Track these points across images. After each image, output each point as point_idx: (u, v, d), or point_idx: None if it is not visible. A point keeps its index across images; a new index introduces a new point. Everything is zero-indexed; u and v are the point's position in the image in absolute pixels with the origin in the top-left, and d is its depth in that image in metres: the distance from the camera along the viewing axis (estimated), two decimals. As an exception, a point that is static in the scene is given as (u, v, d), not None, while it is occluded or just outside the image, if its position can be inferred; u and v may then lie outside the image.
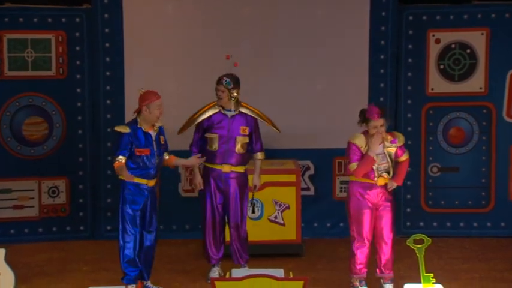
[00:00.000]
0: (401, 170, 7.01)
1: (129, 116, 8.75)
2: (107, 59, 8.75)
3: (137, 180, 6.84)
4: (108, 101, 8.81)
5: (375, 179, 6.88)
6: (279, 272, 6.01)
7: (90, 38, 8.70)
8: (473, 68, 8.80)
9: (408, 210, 8.98)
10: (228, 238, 7.37)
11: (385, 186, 6.94)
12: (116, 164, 6.76)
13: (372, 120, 6.84)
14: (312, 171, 8.99)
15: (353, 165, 6.91)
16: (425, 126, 8.90)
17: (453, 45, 8.80)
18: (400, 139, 7.00)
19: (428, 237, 6.13)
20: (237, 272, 6.07)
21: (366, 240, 6.99)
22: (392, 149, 6.94)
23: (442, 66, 8.83)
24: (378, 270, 7.06)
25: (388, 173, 6.92)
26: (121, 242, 6.89)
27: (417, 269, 6.16)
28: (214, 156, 7.12)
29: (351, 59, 8.80)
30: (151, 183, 6.94)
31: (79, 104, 8.80)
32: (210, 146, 7.14)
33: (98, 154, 8.83)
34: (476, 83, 8.80)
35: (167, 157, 7.11)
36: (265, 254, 7.92)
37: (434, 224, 8.95)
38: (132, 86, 8.71)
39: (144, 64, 8.72)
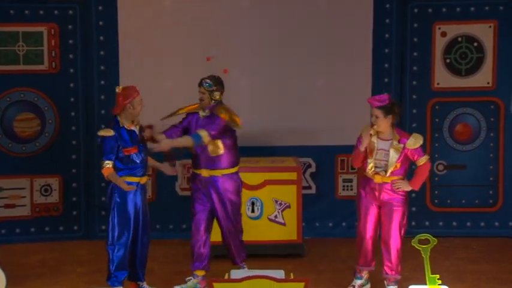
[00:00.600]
0: (417, 173, 6.91)
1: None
2: (101, 52, 8.73)
3: (129, 179, 6.84)
4: (102, 96, 8.79)
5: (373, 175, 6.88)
6: (280, 273, 6.00)
7: (84, 31, 8.68)
8: (480, 62, 8.78)
9: (413, 209, 8.95)
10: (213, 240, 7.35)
11: (385, 184, 6.88)
12: (104, 171, 6.76)
13: (371, 106, 6.84)
14: (313, 169, 8.97)
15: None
16: (431, 123, 8.89)
17: (460, 39, 8.78)
18: (415, 141, 6.86)
19: (434, 237, 6.11)
20: (236, 273, 6.05)
21: (364, 235, 7.00)
22: (398, 149, 6.85)
23: (448, 60, 8.81)
24: (383, 270, 7.04)
25: (385, 171, 6.86)
26: (111, 241, 6.86)
27: (422, 270, 6.15)
28: (197, 160, 7.07)
29: (354, 52, 8.78)
30: (143, 180, 6.97)
31: (72, 99, 8.78)
32: (191, 149, 7.08)
33: (92, 151, 8.81)
34: (483, 77, 8.79)
35: None
36: (265, 254, 7.91)
37: (440, 223, 8.94)
38: (127, 81, 8.66)
39: (140, 58, 8.71)
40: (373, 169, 6.92)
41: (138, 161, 6.86)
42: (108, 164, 6.78)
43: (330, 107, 8.86)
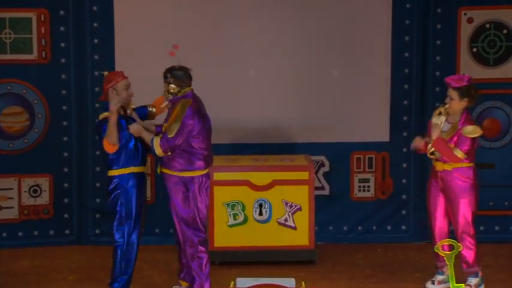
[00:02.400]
0: (448, 148, 7.04)
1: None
2: (95, 40, 8.73)
3: (136, 170, 6.89)
4: (96, 89, 8.78)
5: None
6: (290, 282, 6.00)
7: (77, 17, 8.68)
8: (510, 51, 8.76)
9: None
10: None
11: (447, 172, 7.06)
12: (105, 146, 6.75)
13: (448, 86, 7.04)
14: (326, 168, 8.96)
15: None
16: (456, 117, 8.85)
17: (488, 25, 8.76)
18: (471, 130, 7.03)
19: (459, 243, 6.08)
20: (242, 282, 6.04)
21: (434, 228, 7.28)
22: (455, 127, 7.01)
23: (475, 49, 8.78)
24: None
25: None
26: (123, 242, 6.98)
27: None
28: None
29: (372, 41, 8.77)
30: (144, 169, 7.03)
31: (64, 92, 8.78)
32: None
33: (85, 148, 8.81)
34: (513, 68, 8.77)
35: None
36: (274, 261, 7.91)
37: (466, 227, 8.90)
38: (124, 70, 8.67)
39: (137, 46, 8.71)
40: (431, 151, 7.09)
41: (139, 147, 6.92)
42: (106, 139, 6.77)
43: (345, 101, 8.84)
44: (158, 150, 6.85)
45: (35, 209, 8.80)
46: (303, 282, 6.18)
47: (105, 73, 7.00)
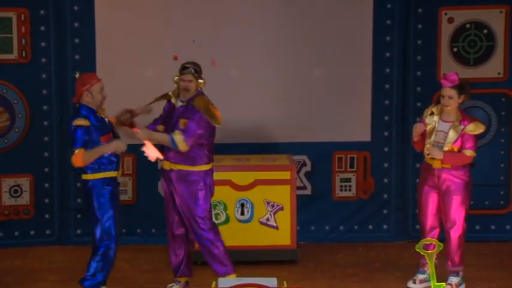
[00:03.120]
0: (457, 155, 7.18)
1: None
2: (76, 40, 8.71)
3: (109, 174, 6.89)
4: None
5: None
6: (272, 282, 5.99)
7: (57, 17, 8.65)
8: (490, 51, 8.78)
9: (417, 211, 8.94)
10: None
11: (445, 170, 7.16)
12: (76, 157, 6.74)
13: (442, 86, 7.15)
14: (308, 168, 8.97)
15: None
16: (437, 117, 8.88)
17: (468, 25, 8.79)
18: (475, 127, 7.16)
19: (440, 241, 6.10)
20: (224, 282, 6.04)
21: (425, 227, 7.34)
22: (458, 130, 7.13)
23: (455, 49, 8.81)
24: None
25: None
26: (101, 244, 6.98)
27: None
28: (162, 152, 7.06)
29: (353, 41, 8.78)
30: (119, 174, 7.05)
31: (45, 92, 8.74)
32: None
33: (66, 148, 8.76)
34: (494, 67, 8.80)
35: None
36: (256, 261, 7.91)
37: (447, 227, 8.94)
38: (105, 71, 8.64)
39: (119, 47, 8.68)
40: (428, 152, 7.19)
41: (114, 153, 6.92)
42: (80, 151, 6.77)
43: (326, 100, 8.85)
44: (183, 146, 6.91)
45: (15, 209, 8.77)
46: (284, 282, 6.18)
47: (77, 75, 6.98)
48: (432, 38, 8.78)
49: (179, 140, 6.91)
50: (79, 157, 6.74)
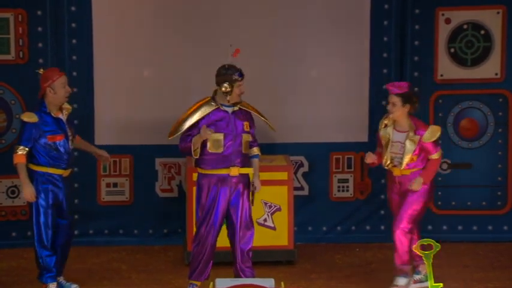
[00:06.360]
0: (429, 168, 7.18)
1: (99, 106, 8.74)
2: (74, 41, 8.70)
3: (51, 170, 7.02)
4: (75, 89, 8.70)
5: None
6: (269, 282, 6.01)
7: (54, 17, 8.64)
8: (487, 52, 8.79)
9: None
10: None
11: (405, 176, 7.13)
12: (15, 158, 6.98)
13: (389, 93, 7.13)
14: (305, 168, 8.97)
15: None
16: (434, 117, 8.90)
17: (465, 26, 8.80)
18: (431, 134, 7.13)
19: (437, 242, 6.11)
20: (221, 282, 6.05)
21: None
22: (414, 140, 7.08)
23: (452, 50, 8.82)
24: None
25: (401, 164, 7.13)
26: (37, 235, 7.10)
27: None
28: (220, 159, 7.05)
29: (350, 41, 8.79)
30: (66, 173, 7.13)
31: (42, 93, 8.74)
32: (214, 148, 7.05)
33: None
34: (491, 68, 8.80)
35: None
36: (253, 261, 7.90)
37: (444, 227, 8.95)
38: (102, 72, 8.68)
39: (116, 47, 8.68)
40: (388, 162, 7.18)
41: (62, 151, 7.01)
42: (22, 151, 6.96)
43: (323, 101, 8.85)
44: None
45: (12, 210, 8.76)
46: (282, 283, 6.19)
47: (41, 71, 7.02)
48: (429, 38, 8.79)
49: (258, 152, 7.25)
50: (15, 158, 6.96)
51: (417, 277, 7.39)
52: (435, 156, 7.17)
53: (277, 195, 8.14)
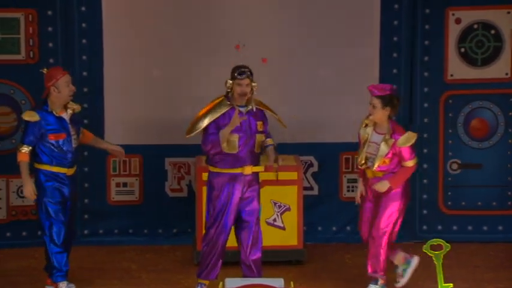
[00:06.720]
0: (399, 172, 7.15)
1: (108, 106, 8.75)
2: (84, 41, 8.72)
3: (55, 169, 7.06)
4: (85, 89, 8.77)
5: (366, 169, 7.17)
6: (279, 282, 6.01)
7: (65, 17, 8.66)
8: (498, 51, 8.78)
9: (424, 212, 8.97)
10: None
11: (378, 179, 7.11)
12: (18, 156, 7.04)
13: (371, 95, 7.11)
14: (315, 168, 8.97)
15: None
16: (444, 118, 8.89)
17: (475, 26, 8.78)
18: (406, 140, 7.10)
19: (448, 242, 6.11)
20: (231, 282, 6.06)
21: (362, 235, 7.29)
22: (389, 143, 7.06)
23: (462, 50, 8.81)
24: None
25: (373, 165, 7.12)
26: (48, 234, 7.16)
27: (435, 278, 6.14)
28: (233, 159, 7.05)
29: (360, 41, 8.78)
30: (71, 171, 7.14)
31: (52, 92, 8.76)
32: (229, 148, 7.00)
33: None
34: (501, 68, 8.79)
35: (81, 135, 7.37)
36: (263, 261, 7.90)
37: (454, 227, 8.94)
38: (112, 72, 8.69)
39: (126, 47, 8.70)
40: (363, 161, 7.18)
41: (65, 149, 7.04)
42: (25, 149, 7.01)
43: (333, 101, 8.85)
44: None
45: (23, 209, 8.78)
46: (291, 283, 6.20)
47: (44, 70, 7.05)
48: (439, 38, 8.78)
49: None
50: (18, 157, 7.02)
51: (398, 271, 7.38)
52: (409, 163, 7.13)
53: (287, 195, 8.15)
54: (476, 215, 8.92)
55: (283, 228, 8.18)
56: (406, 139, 7.12)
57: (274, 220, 8.17)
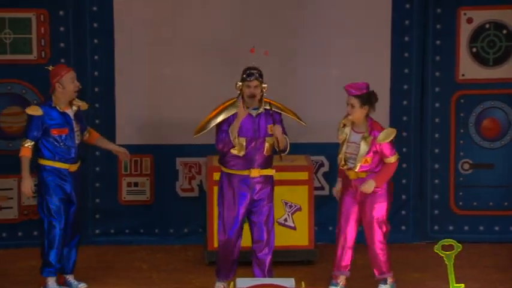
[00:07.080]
0: (382, 171, 7.14)
1: (120, 106, 8.77)
2: (95, 41, 8.73)
3: (58, 165, 7.11)
4: (96, 89, 8.79)
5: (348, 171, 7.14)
6: (290, 282, 6.01)
7: (76, 17, 8.68)
8: (510, 51, 8.76)
9: (436, 212, 8.94)
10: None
11: (361, 180, 7.09)
12: (21, 151, 7.11)
13: (348, 94, 7.11)
14: (326, 168, 8.97)
15: None
16: (456, 118, 8.87)
17: (487, 25, 8.76)
18: (385, 136, 7.08)
19: (459, 242, 6.09)
20: (242, 282, 6.05)
21: (341, 236, 7.28)
22: (368, 141, 7.05)
23: (474, 49, 8.79)
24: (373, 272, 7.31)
25: (355, 166, 7.10)
26: (47, 230, 7.21)
27: (446, 278, 6.13)
28: (241, 161, 7.06)
29: (371, 41, 8.77)
30: (73, 167, 7.18)
31: (63, 92, 8.77)
32: (237, 150, 7.03)
33: (85, 148, 8.79)
34: (513, 68, 8.78)
35: (87, 135, 7.44)
36: (274, 261, 7.90)
37: (466, 227, 8.92)
38: (123, 71, 8.70)
39: (138, 46, 8.70)
40: (343, 162, 7.13)
41: (68, 145, 7.10)
42: (28, 143, 7.11)
43: (344, 101, 8.80)
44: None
45: (34, 209, 8.76)
46: (302, 283, 6.19)
47: (50, 68, 7.11)
48: (451, 38, 8.76)
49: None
50: (21, 151, 7.10)
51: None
52: (391, 159, 7.11)
53: (298, 195, 8.15)
54: (488, 215, 8.90)
55: (294, 228, 8.18)
56: (386, 135, 7.10)
57: (285, 220, 8.17)
